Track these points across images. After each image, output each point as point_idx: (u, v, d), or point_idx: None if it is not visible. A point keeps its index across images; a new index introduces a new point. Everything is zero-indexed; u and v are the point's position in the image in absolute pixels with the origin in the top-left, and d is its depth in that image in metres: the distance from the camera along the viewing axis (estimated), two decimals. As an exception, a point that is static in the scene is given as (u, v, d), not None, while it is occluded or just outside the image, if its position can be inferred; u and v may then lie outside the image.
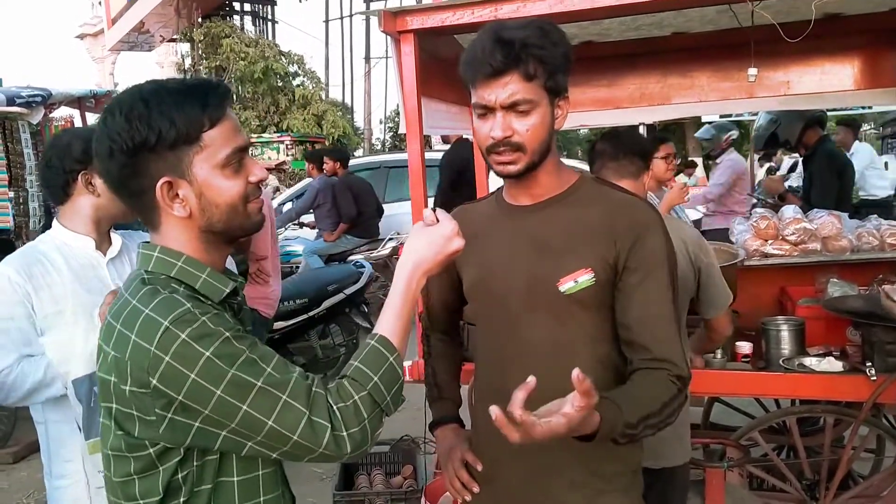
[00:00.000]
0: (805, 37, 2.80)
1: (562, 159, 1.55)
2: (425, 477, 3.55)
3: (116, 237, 2.05)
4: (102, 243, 2.00)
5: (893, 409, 2.78)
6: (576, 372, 1.07)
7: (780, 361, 2.75)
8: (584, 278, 1.38)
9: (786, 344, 2.78)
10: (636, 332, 1.38)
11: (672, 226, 2.26)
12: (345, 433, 1.08)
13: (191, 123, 1.11)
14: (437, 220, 1.26)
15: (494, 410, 1.08)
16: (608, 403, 1.23)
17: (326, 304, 5.40)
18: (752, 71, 3.21)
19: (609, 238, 1.39)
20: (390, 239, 7.01)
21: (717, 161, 5.61)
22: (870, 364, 2.57)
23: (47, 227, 6.17)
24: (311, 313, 5.29)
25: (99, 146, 1.13)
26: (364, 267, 5.87)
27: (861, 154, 7.01)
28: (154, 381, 1.04)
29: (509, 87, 1.33)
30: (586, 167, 2.69)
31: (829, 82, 3.69)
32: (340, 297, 5.47)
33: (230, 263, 1.39)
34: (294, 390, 1.07)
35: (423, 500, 2.00)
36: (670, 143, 3.50)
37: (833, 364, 2.69)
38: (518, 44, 1.32)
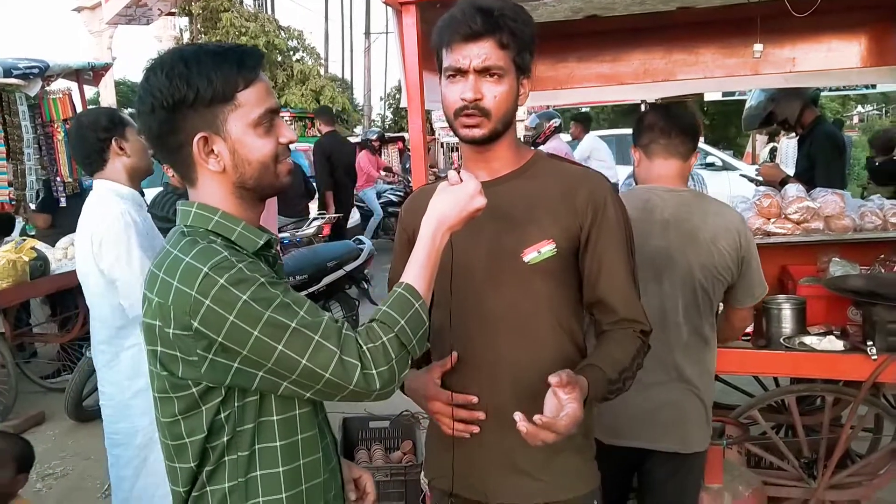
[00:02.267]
0: (812, 12, 2.76)
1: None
2: (424, 452, 3.56)
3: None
4: None
5: (893, 388, 2.78)
6: (553, 379, 1.26)
7: (781, 340, 2.74)
8: (547, 248, 1.46)
9: (787, 323, 2.78)
10: (605, 294, 1.50)
11: (716, 209, 2.17)
12: (374, 371, 1.15)
13: (226, 83, 1.18)
14: (461, 181, 1.32)
15: (523, 426, 1.25)
16: (591, 368, 1.39)
17: (326, 280, 5.41)
18: (758, 47, 3.18)
19: (570, 210, 1.48)
20: (315, 219, 7.11)
21: (543, 147, 6.42)
22: (870, 343, 2.56)
23: (45, 200, 6.13)
24: (310, 290, 5.29)
25: (141, 103, 1.20)
26: (364, 243, 5.86)
27: (585, 144, 7.82)
28: (195, 324, 1.11)
29: (484, 51, 1.40)
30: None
31: (835, 59, 3.65)
32: (340, 273, 5.47)
33: None
34: (326, 331, 1.14)
35: (422, 474, 2.01)
36: None
37: (834, 343, 2.68)
38: (497, 12, 1.40)
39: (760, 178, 4.51)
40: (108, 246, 2.32)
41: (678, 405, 2.07)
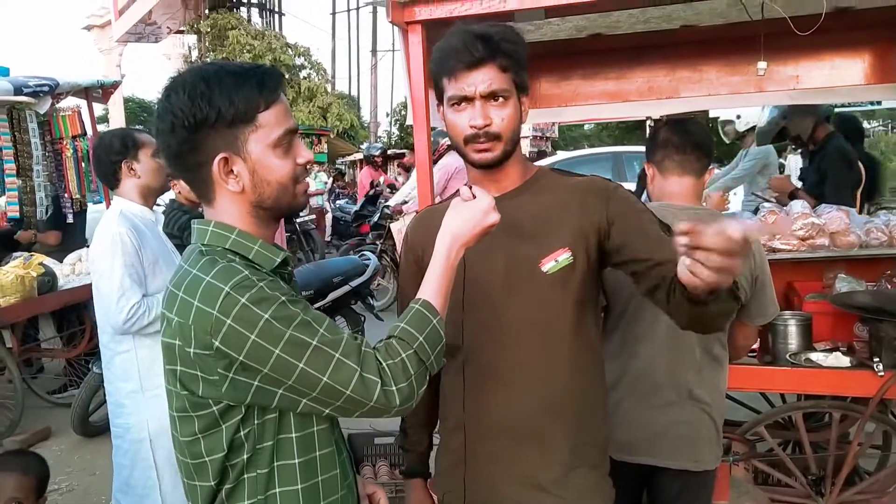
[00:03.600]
0: (815, 30, 2.78)
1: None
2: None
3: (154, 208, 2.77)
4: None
5: (900, 405, 2.77)
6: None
7: (787, 356, 2.74)
8: (564, 257, 1.47)
9: (793, 339, 2.77)
10: (650, 256, 1.41)
11: None
12: (394, 388, 1.15)
13: (248, 103, 1.18)
14: (474, 197, 1.33)
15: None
16: None
17: (332, 296, 5.40)
18: (762, 65, 3.19)
19: (580, 213, 1.49)
20: None
21: (437, 164, 6.90)
22: (877, 360, 2.56)
23: (54, 217, 6.17)
24: (316, 305, 5.28)
25: (160, 122, 1.20)
26: (370, 259, 5.86)
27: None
28: (217, 343, 1.10)
29: (488, 77, 1.42)
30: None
31: (838, 77, 3.66)
32: (346, 289, 5.47)
33: None
34: (346, 349, 1.14)
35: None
36: None
37: (840, 359, 2.68)
38: (496, 37, 1.42)
39: (770, 198, 4.51)
40: (97, 262, 2.54)
41: (690, 423, 2.07)
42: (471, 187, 1.36)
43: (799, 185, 4.44)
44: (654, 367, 2.05)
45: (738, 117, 5.84)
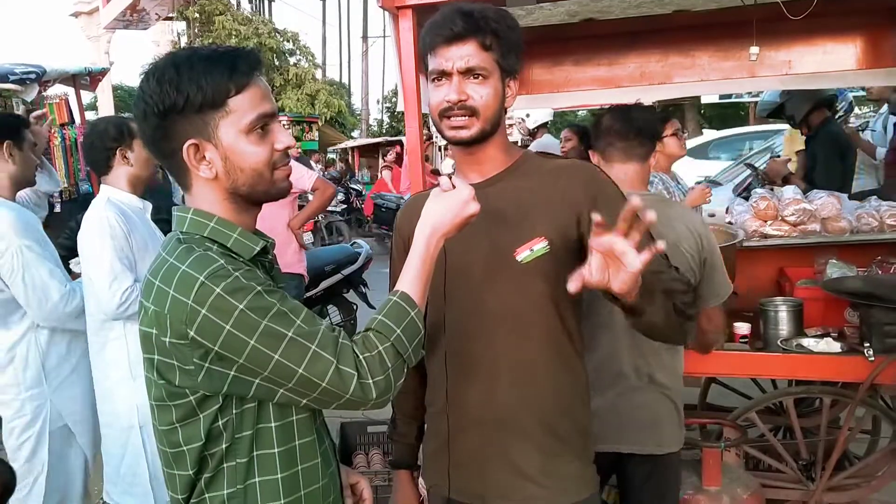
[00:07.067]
0: (807, 15, 2.77)
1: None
2: (422, 457, 3.54)
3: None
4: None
5: (890, 389, 2.78)
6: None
7: (778, 342, 2.75)
8: (539, 246, 1.44)
9: (784, 325, 2.78)
10: None
11: (679, 213, 2.17)
12: (370, 381, 1.14)
13: (217, 89, 1.15)
14: (454, 187, 1.31)
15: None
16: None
17: (324, 284, 5.39)
18: (754, 50, 3.18)
19: (565, 204, 1.46)
20: None
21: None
22: (868, 345, 2.57)
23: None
24: (308, 294, 5.27)
25: (135, 109, 1.20)
26: (362, 247, 5.85)
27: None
28: (192, 333, 1.10)
29: (467, 53, 1.40)
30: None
31: (830, 62, 3.66)
32: (338, 277, 5.45)
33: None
34: (322, 341, 1.13)
35: (420, 479, 2.01)
36: (674, 119, 3.45)
37: (831, 345, 2.69)
38: (477, 14, 1.40)
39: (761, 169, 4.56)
40: (86, 248, 2.52)
41: (651, 408, 2.08)
42: (450, 177, 1.33)
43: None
44: (615, 356, 2.05)
45: (528, 115, 6.27)
